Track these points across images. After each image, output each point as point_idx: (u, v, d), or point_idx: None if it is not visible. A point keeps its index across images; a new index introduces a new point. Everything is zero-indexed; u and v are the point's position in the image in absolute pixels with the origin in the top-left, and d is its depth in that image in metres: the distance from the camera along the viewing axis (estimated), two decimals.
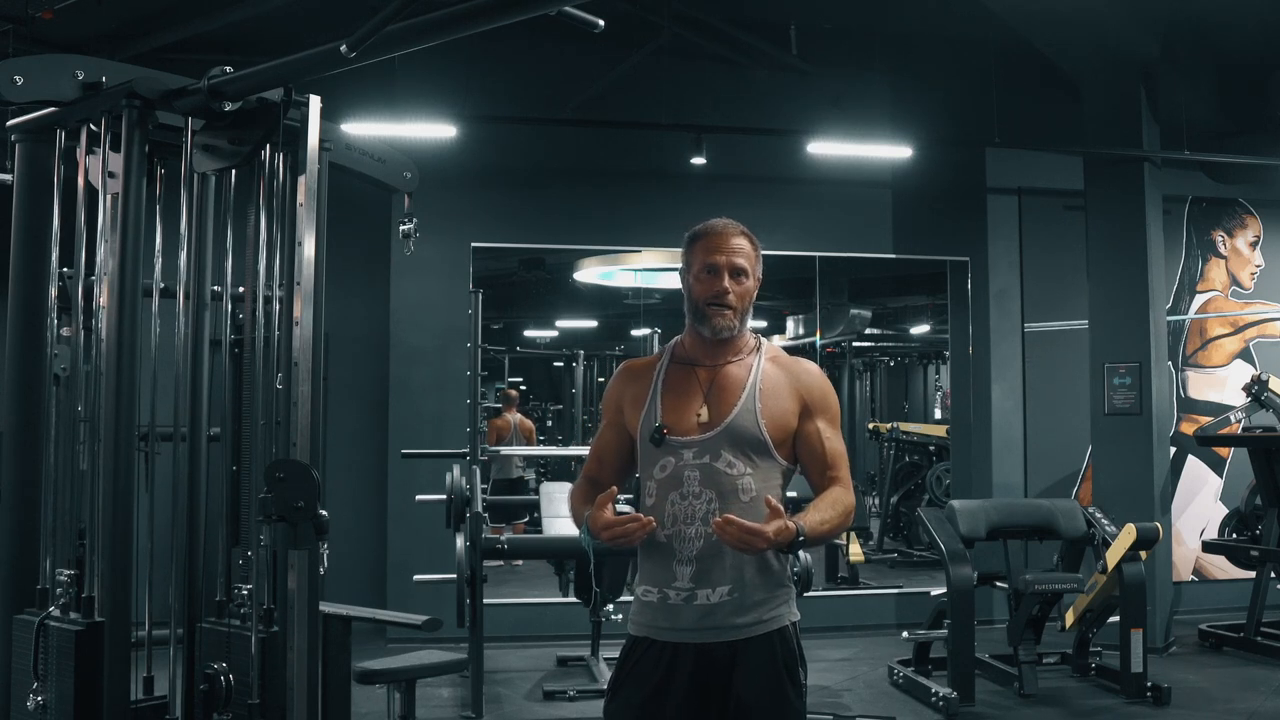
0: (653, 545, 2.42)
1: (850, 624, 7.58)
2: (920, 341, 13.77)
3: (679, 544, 2.39)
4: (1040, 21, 6.64)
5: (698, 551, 2.37)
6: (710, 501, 2.37)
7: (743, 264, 2.47)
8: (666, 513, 2.40)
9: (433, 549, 6.47)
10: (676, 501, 2.40)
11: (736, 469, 2.38)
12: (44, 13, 6.05)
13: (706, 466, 2.39)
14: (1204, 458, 8.08)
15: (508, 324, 13.56)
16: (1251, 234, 8.39)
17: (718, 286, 2.45)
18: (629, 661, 2.44)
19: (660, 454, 2.43)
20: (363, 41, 2.69)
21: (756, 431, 2.40)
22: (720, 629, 2.36)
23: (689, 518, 2.38)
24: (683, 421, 2.43)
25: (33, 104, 3.37)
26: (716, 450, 2.39)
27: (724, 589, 2.36)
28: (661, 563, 2.41)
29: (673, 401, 2.46)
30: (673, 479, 2.41)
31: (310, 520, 2.80)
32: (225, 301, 3.58)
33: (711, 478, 2.39)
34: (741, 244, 2.49)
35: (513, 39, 6.92)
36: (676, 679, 2.36)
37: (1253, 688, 6.04)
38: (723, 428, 2.41)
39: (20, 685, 3.21)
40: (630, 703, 2.40)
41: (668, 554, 2.40)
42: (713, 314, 2.45)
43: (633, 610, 2.47)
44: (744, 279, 2.48)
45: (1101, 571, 5.78)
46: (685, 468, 2.40)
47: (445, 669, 4.17)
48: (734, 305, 2.45)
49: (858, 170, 7.60)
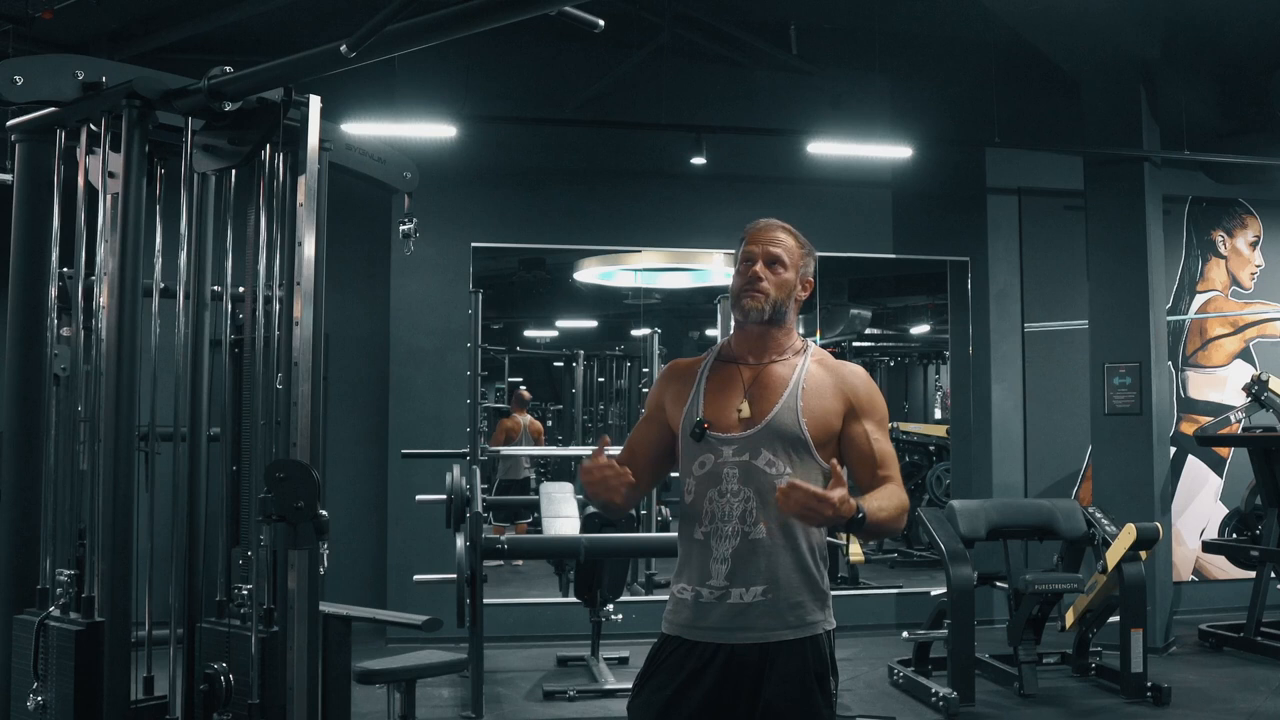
0: (691, 543, 2.41)
1: (850, 624, 7.57)
2: (920, 341, 13.77)
3: (716, 541, 2.37)
4: (1040, 21, 6.64)
5: (733, 550, 2.35)
6: (748, 500, 2.36)
7: (779, 254, 2.47)
8: (705, 510, 2.39)
9: (433, 549, 6.47)
10: (715, 499, 2.38)
11: (776, 468, 2.35)
12: (44, 13, 6.05)
13: (746, 465, 2.37)
14: (1204, 458, 8.08)
15: (508, 324, 13.58)
16: (1251, 234, 8.39)
17: (751, 273, 2.46)
18: (657, 658, 2.42)
19: (700, 450, 2.41)
20: (363, 41, 2.69)
21: (797, 429, 2.37)
22: (751, 629, 2.34)
23: (726, 515, 2.36)
24: (724, 418, 2.41)
25: (33, 104, 3.37)
26: (757, 448, 2.37)
27: (758, 589, 2.34)
28: (699, 560, 2.39)
29: (715, 398, 2.44)
30: (712, 476, 2.39)
31: (310, 520, 2.80)
32: (225, 301, 3.58)
33: (751, 476, 2.36)
34: (781, 237, 2.49)
35: (513, 39, 6.94)
36: (704, 679, 2.34)
37: (1253, 688, 6.04)
38: (764, 425, 2.38)
39: (20, 685, 3.21)
40: (653, 700, 2.39)
41: (705, 552, 2.38)
42: (744, 297, 2.45)
43: (667, 608, 2.46)
44: (780, 269, 2.46)
45: (1101, 571, 5.78)
46: (724, 465, 2.38)
47: (445, 669, 4.16)
48: (766, 290, 2.44)
49: (858, 170, 7.60)
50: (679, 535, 2.48)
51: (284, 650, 2.99)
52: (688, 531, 2.43)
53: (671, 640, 2.42)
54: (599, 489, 2.34)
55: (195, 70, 3.21)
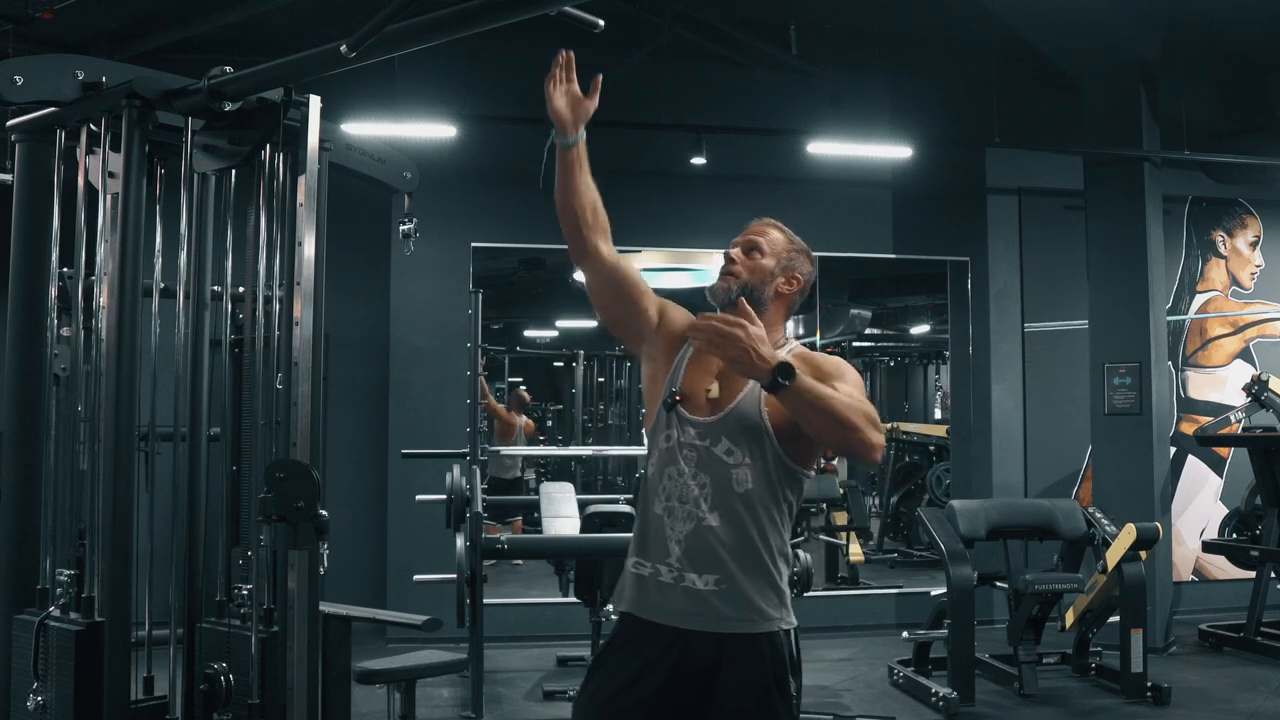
0: (649, 516, 2.37)
1: (850, 624, 7.58)
2: (920, 341, 13.77)
3: (672, 521, 2.33)
4: (1040, 21, 6.64)
5: (687, 533, 2.31)
6: (704, 486, 2.31)
7: (759, 241, 2.46)
8: (663, 486, 2.36)
9: (433, 549, 6.47)
10: (674, 477, 2.35)
11: (735, 457, 2.32)
12: (44, 13, 6.05)
13: (706, 451, 2.34)
14: (1204, 458, 8.08)
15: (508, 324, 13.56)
16: (1251, 234, 8.39)
17: (725, 258, 2.46)
18: (613, 644, 2.38)
19: (668, 423, 2.38)
20: (363, 41, 2.69)
21: (758, 418, 2.33)
22: (706, 617, 2.29)
23: (684, 496, 2.33)
24: (696, 394, 2.38)
25: (33, 104, 3.37)
26: (718, 435, 2.34)
27: (711, 578, 2.29)
28: (656, 536, 2.35)
29: (693, 372, 2.41)
30: (671, 454, 2.36)
31: (310, 520, 2.80)
32: (225, 301, 3.58)
33: (707, 462, 2.33)
34: (767, 230, 2.49)
35: (513, 39, 6.92)
36: (655, 673, 2.29)
37: (1253, 688, 6.04)
38: (726, 412, 2.35)
39: (20, 685, 3.21)
40: (602, 691, 2.35)
41: (662, 528, 2.34)
42: (717, 283, 2.45)
43: (623, 584, 2.40)
44: (757, 255, 2.45)
45: (1101, 571, 5.78)
46: (685, 446, 2.35)
47: (445, 669, 4.16)
48: (736, 273, 2.43)
49: (858, 170, 7.60)
50: (638, 506, 2.45)
51: (284, 650, 2.99)
52: (647, 504, 2.38)
53: (629, 621, 2.36)
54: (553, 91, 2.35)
55: (195, 70, 3.21)
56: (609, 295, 2.53)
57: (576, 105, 2.38)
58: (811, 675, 6.25)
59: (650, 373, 2.50)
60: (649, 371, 2.50)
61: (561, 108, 2.38)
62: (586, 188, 2.43)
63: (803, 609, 2.51)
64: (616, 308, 2.54)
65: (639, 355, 2.57)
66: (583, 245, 2.47)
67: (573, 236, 2.47)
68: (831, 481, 9.02)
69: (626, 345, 2.63)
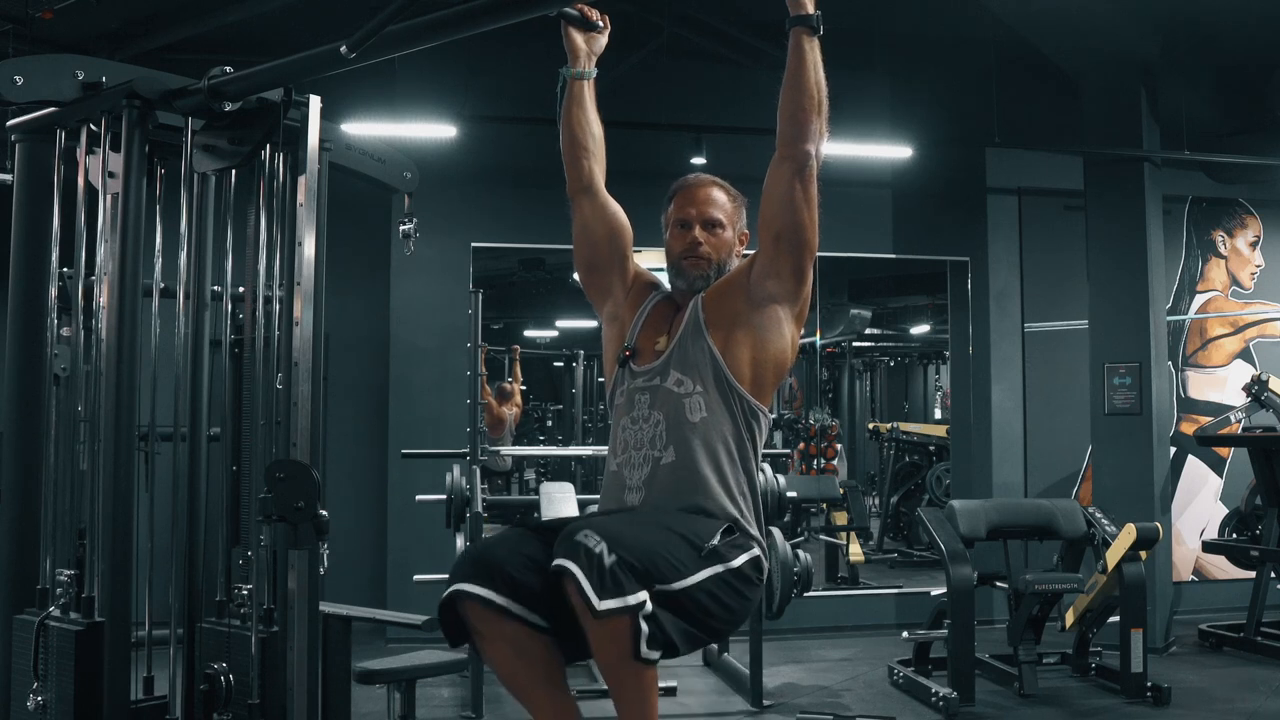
0: (607, 475, 2.40)
1: (850, 624, 7.58)
2: (920, 341, 13.76)
3: (628, 471, 2.35)
4: (1040, 21, 6.64)
5: (644, 478, 2.32)
6: (658, 424, 2.33)
7: (716, 215, 2.52)
8: (619, 439, 2.38)
9: (433, 549, 6.47)
10: (628, 426, 2.37)
11: (685, 386, 2.35)
12: (44, 13, 6.05)
13: (656, 388, 2.37)
14: (1204, 458, 8.08)
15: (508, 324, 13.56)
16: (1251, 234, 8.39)
17: (690, 238, 2.49)
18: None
19: (621, 378, 2.44)
20: (363, 42, 2.69)
21: (703, 340, 2.37)
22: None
23: (638, 442, 2.34)
24: (646, 350, 2.43)
25: (33, 104, 3.36)
26: (666, 370, 2.38)
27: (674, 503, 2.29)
28: (613, 494, 2.38)
29: (646, 332, 2.47)
30: (627, 404, 2.40)
31: (310, 520, 2.79)
32: (225, 301, 3.58)
33: (660, 399, 2.35)
34: (715, 195, 2.55)
35: (513, 39, 6.92)
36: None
37: (1253, 688, 6.04)
38: (671, 347, 2.40)
39: (20, 685, 3.21)
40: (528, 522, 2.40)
41: (618, 482, 2.36)
42: (687, 266, 2.49)
43: None
44: (719, 230, 2.52)
45: (1101, 571, 5.78)
46: (638, 392, 2.39)
47: (445, 669, 4.15)
48: (708, 255, 2.49)
49: (858, 170, 7.59)
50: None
51: (284, 650, 2.99)
52: (607, 465, 2.42)
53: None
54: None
55: (195, 70, 3.21)
56: (600, 233, 2.59)
57: (591, 39, 2.57)
58: (811, 675, 6.26)
59: (613, 333, 2.53)
60: (612, 333, 2.53)
61: (577, 37, 2.56)
62: (591, 120, 2.56)
63: (803, 609, 2.52)
64: (605, 247, 2.59)
65: (601, 314, 2.59)
66: (582, 176, 2.57)
67: (573, 166, 2.56)
68: (831, 481, 9.03)
69: (592, 297, 2.64)
